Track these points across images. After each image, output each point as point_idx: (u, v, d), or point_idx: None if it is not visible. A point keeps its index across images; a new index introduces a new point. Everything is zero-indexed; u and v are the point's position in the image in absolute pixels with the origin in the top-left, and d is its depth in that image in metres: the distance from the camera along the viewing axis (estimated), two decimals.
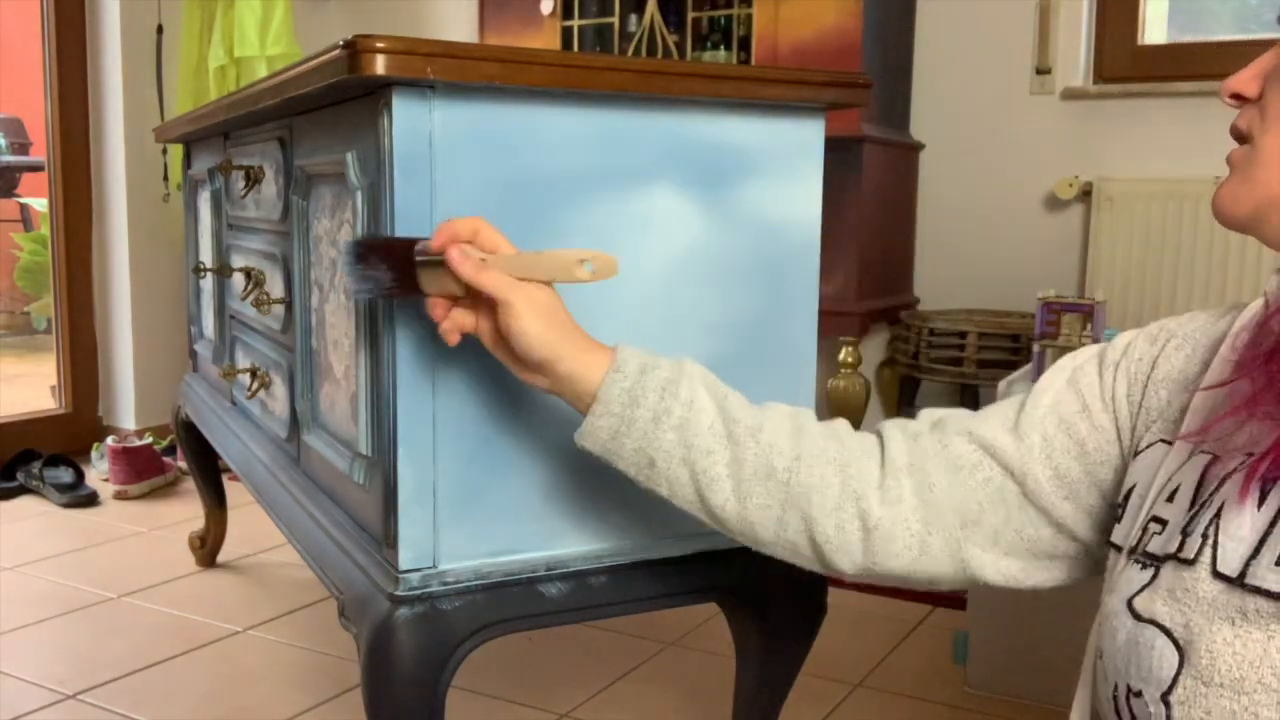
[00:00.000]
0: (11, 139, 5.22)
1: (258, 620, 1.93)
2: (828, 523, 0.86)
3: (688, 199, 1.09)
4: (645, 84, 1.04)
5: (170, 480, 2.83)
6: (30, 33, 3.09)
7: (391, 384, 0.99)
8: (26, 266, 5.19)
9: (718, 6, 2.81)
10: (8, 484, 2.74)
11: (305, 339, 1.31)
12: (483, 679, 1.67)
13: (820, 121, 1.15)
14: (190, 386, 2.07)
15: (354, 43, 0.91)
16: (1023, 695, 1.62)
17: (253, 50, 2.94)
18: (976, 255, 2.81)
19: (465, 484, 1.03)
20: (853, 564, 0.87)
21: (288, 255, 1.36)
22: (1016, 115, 2.74)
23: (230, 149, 1.68)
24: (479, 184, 0.99)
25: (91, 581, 2.11)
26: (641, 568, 1.10)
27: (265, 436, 1.53)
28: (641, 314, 1.08)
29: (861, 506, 0.86)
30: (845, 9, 2.50)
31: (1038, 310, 2.16)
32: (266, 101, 1.24)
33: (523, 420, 1.04)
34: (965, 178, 2.81)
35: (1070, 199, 2.65)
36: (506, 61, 0.96)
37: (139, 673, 1.71)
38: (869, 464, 0.87)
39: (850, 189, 2.51)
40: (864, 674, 1.73)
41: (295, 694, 1.65)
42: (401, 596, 0.99)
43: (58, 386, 3.17)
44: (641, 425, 0.88)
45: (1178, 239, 2.50)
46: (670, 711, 1.61)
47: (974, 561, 0.86)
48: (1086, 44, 2.70)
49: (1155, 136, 2.58)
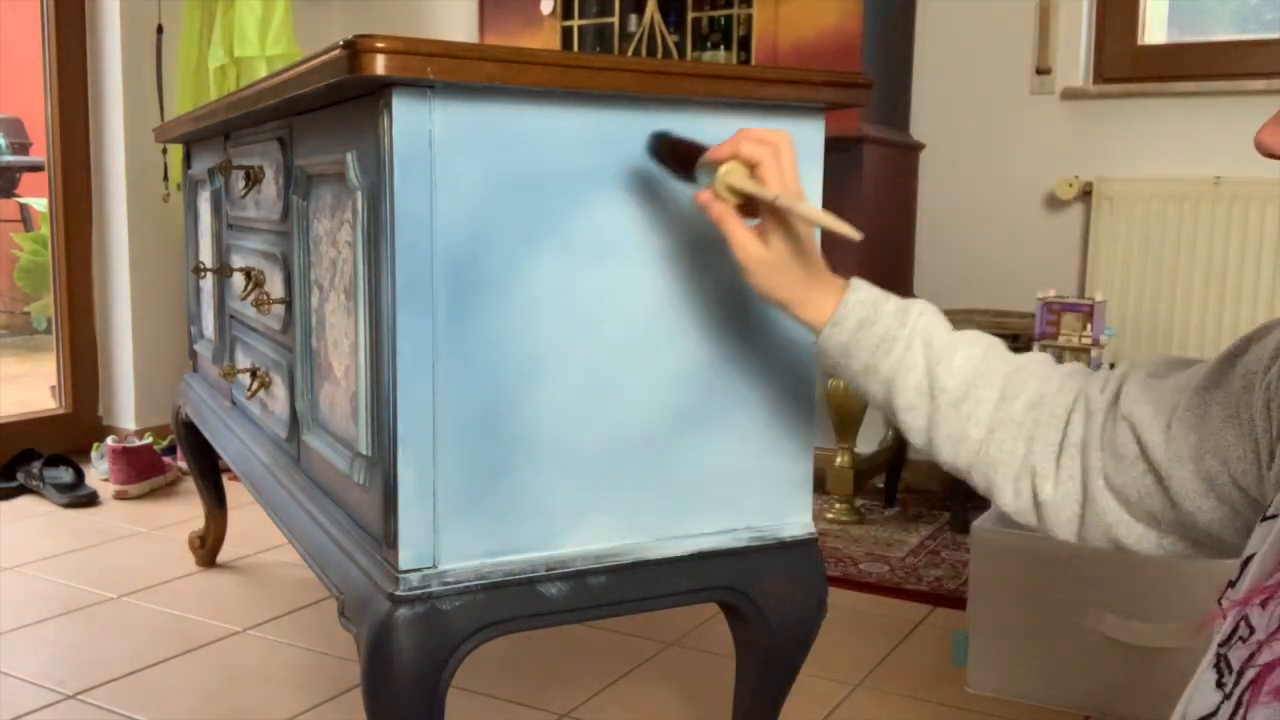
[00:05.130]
0: (11, 139, 5.22)
1: (258, 620, 1.93)
2: (1007, 489, 0.94)
3: (687, 199, 1.09)
4: (645, 84, 1.04)
5: (170, 480, 2.83)
6: (30, 33, 3.09)
7: (391, 384, 0.99)
8: (26, 266, 5.19)
9: (718, 6, 2.81)
10: (8, 484, 2.74)
11: (305, 339, 1.31)
12: (483, 679, 1.67)
13: (820, 121, 1.15)
14: (190, 386, 2.07)
15: (354, 43, 0.91)
16: (1023, 696, 1.62)
17: (253, 50, 2.94)
18: (976, 255, 2.81)
19: (465, 484, 1.03)
20: (1025, 520, 0.95)
21: (288, 255, 1.36)
22: (1016, 115, 2.74)
23: (230, 149, 1.68)
24: (479, 184, 0.99)
25: (91, 581, 2.11)
26: (641, 568, 1.10)
27: (265, 436, 1.53)
28: (642, 314, 1.08)
29: (1035, 483, 0.93)
30: (845, 9, 2.50)
31: (1038, 310, 2.17)
32: (266, 101, 1.24)
33: (523, 421, 1.04)
34: (965, 178, 2.81)
35: (1070, 199, 2.65)
36: (506, 61, 0.96)
37: (139, 673, 1.71)
38: (1053, 435, 0.92)
39: (850, 189, 2.51)
40: (864, 674, 1.73)
41: (295, 694, 1.65)
42: (401, 596, 0.99)
43: (58, 386, 3.17)
44: (854, 371, 0.99)
45: (1178, 239, 2.49)
46: (670, 711, 1.61)
47: (1130, 538, 0.90)
48: (1086, 44, 2.70)
49: (1155, 136, 2.58)
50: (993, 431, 0.94)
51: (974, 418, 0.94)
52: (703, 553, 1.13)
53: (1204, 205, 2.46)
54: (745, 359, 1.14)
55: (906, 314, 0.97)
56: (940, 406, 0.95)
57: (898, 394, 0.96)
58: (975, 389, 0.95)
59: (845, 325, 0.97)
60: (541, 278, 1.03)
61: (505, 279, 1.02)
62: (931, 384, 0.95)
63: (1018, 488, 0.94)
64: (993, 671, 1.65)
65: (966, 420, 0.95)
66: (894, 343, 0.96)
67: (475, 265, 1.00)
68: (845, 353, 0.98)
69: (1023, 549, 1.60)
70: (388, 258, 0.98)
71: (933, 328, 0.97)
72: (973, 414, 0.95)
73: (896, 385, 0.96)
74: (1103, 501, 0.89)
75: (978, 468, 0.95)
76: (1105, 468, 0.89)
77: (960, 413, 0.95)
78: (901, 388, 0.96)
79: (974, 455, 0.95)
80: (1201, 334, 2.48)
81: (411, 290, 0.98)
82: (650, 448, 1.10)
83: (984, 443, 0.94)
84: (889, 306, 0.98)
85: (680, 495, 1.13)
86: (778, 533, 1.18)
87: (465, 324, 1.00)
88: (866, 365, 0.97)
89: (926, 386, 0.96)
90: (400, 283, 0.97)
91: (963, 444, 0.95)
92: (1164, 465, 0.85)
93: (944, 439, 0.96)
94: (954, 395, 0.95)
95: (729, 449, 1.14)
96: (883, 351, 0.96)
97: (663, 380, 1.10)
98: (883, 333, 0.96)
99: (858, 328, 0.97)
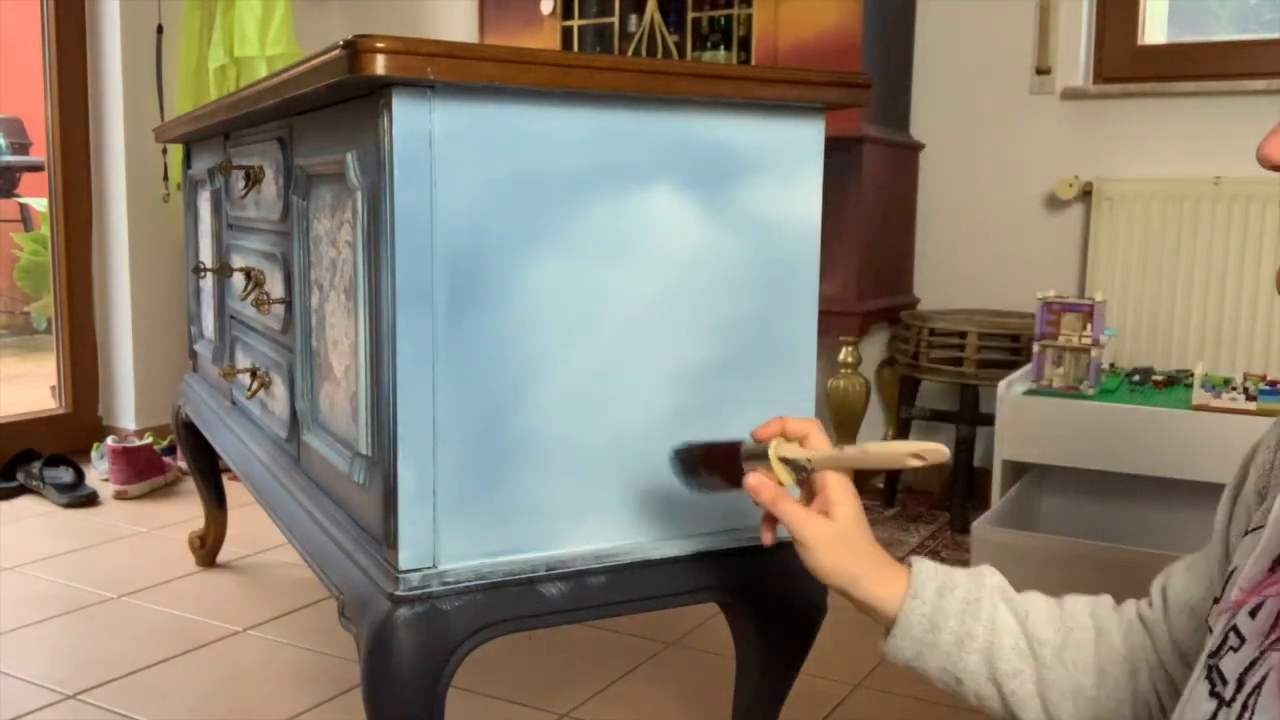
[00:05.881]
0: (11, 139, 5.22)
1: (258, 620, 1.93)
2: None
3: (687, 199, 1.09)
4: (645, 84, 1.04)
5: (170, 480, 2.83)
6: (30, 33, 3.09)
7: (391, 384, 0.99)
8: (26, 266, 5.19)
9: (718, 6, 2.81)
10: (8, 484, 2.74)
11: (305, 339, 1.31)
12: (483, 679, 1.67)
13: (820, 121, 1.15)
14: (190, 386, 2.07)
15: (354, 43, 0.91)
16: None
17: (253, 50, 2.94)
18: (976, 255, 2.81)
19: (465, 484, 1.03)
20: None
21: (288, 255, 1.36)
22: (1016, 115, 2.74)
23: (230, 149, 1.68)
24: (479, 184, 0.99)
25: (91, 581, 2.11)
26: (641, 568, 1.10)
27: (265, 436, 1.53)
28: (642, 314, 1.08)
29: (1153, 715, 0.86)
30: (845, 9, 2.50)
31: (1038, 310, 2.16)
32: (266, 101, 1.24)
33: (523, 421, 1.04)
34: (965, 178, 2.81)
35: (1070, 199, 2.65)
36: (506, 61, 0.96)
37: (139, 673, 1.71)
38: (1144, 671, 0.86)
39: (850, 189, 2.51)
40: (864, 674, 1.73)
41: (295, 694, 1.65)
42: (401, 596, 0.99)
43: (58, 386, 3.18)
44: (945, 649, 0.88)
45: (1178, 239, 2.49)
46: (670, 711, 1.61)
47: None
48: (1086, 44, 2.70)
49: (1155, 136, 2.58)
50: (1104, 674, 0.86)
51: (1081, 664, 0.86)
52: (703, 553, 1.13)
53: (1204, 205, 2.46)
54: (745, 359, 1.14)
55: (980, 575, 0.90)
56: (1045, 660, 0.86)
57: (999, 659, 0.86)
58: (1072, 635, 0.87)
59: (925, 595, 0.88)
60: (541, 277, 1.03)
61: (505, 279, 1.02)
62: (1029, 640, 0.87)
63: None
64: None
65: (1076, 669, 0.86)
66: (979, 604, 0.88)
67: (475, 265, 1.00)
68: (932, 627, 0.87)
69: (1023, 549, 1.60)
70: (388, 258, 0.98)
71: (1005, 583, 0.90)
72: (1079, 660, 0.86)
73: (995, 650, 0.86)
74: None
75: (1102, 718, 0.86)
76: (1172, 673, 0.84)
77: (1065, 662, 0.86)
78: (1001, 652, 0.86)
79: (1092, 705, 0.85)
80: (1201, 334, 2.48)
81: (411, 290, 0.98)
82: (650, 448, 1.10)
83: (1099, 686, 0.85)
84: (960, 572, 0.90)
85: (680, 495, 1.13)
86: (778, 533, 1.18)
87: (465, 324, 1.00)
88: (958, 635, 0.87)
89: (1025, 645, 0.87)
90: (400, 283, 0.97)
91: (1079, 696, 0.86)
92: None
93: (1059, 699, 0.86)
94: (1055, 645, 0.86)
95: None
96: (971, 615, 0.87)
97: (663, 380, 1.10)
98: (965, 595, 0.88)
99: (938, 595, 0.88)
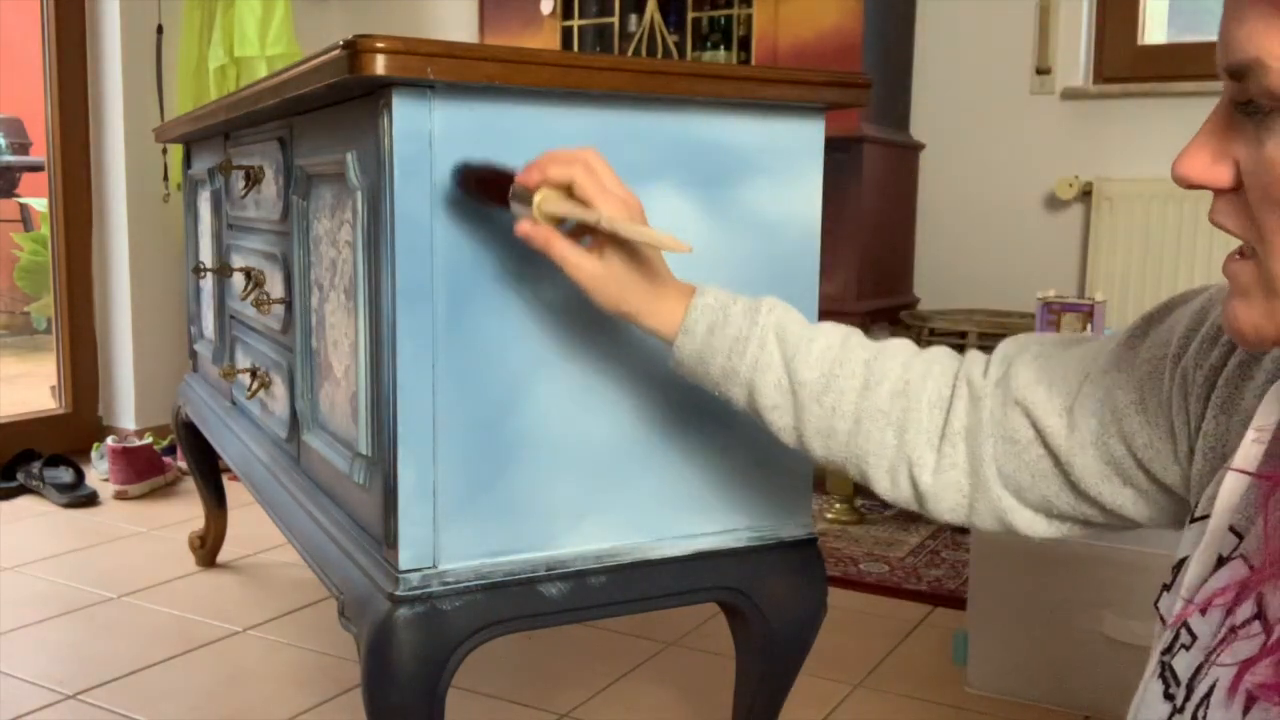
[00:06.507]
0: (11, 139, 5.22)
1: (258, 620, 1.93)
2: (883, 479, 0.91)
3: (688, 199, 1.09)
4: (645, 84, 1.04)
5: (170, 480, 2.83)
6: (30, 33, 3.09)
7: (391, 384, 0.99)
8: (26, 266, 5.19)
9: (718, 6, 2.81)
10: (8, 484, 2.74)
11: (305, 339, 1.31)
12: (483, 679, 1.67)
13: (820, 121, 1.15)
14: (190, 386, 2.07)
15: (354, 43, 0.91)
16: (1023, 695, 1.62)
17: (253, 50, 2.94)
18: (976, 255, 2.81)
19: (465, 484, 1.03)
20: (907, 507, 0.93)
21: (288, 255, 1.36)
22: (1016, 115, 2.74)
23: (230, 149, 1.68)
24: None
25: (91, 581, 2.11)
26: (641, 568, 1.10)
27: (265, 436, 1.53)
28: None
29: (914, 473, 0.89)
30: (845, 9, 2.50)
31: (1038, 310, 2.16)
32: (266, 101, 1.24)
33: (523, 420, 1.04)
34: (965, 178, 2.81)
35: (1070, 199, 2.65)
36: (506, 61, 0.96)
37: (139, 673, 1.71)
38: (931, 422, 0.89)
39: (850, 189, 2.51)
40: (864, 674, 1.73)
41: (295, 694, 1.65)
42: (401, 596, 0.99)
43: (58, 386, 3.17)
44: (714, 379, 0.95)
45: (1178, 239, 2.50)
46: (670, 711, 1.61)
47: (1021, 523, 0.87)
48: (1086, 44, 2.70)
49: (1155, 136, 2.58)
50: (859, 422, 0.90)
51: (838, 410, 0.91)
52: (703, 553, 1.13)
53: (1204, 205, 2.45)
54: None
55: (756, 312, 0.93)
56: (803, 402, 0.91)
57: (759, 395, 0.93)
58: (836, 379, 0.91)
59: (696, 332, 0.94)
60: (541, 277, 1.03)
61: (505, 279, 1.02)
62: (791, 379, 0.92)
63: (894, 479, 0.90)
64: (992, 671, 1.65)
65: (831, 413, 0.91)
66: (747, 342, 0.92)
67: (475, 265, 1.00)
68: (701, 360, 0.94)
69: (1023, 549, 1.60)
70: (388, 258, 0.98)
71: (785, 322, 0.93)
72: (836, 406, 0.91)
73: (756, 386, 0.93)
74: (995, 489, 0.86)
75: (850, 460, 0.92)
76: (997, 455, 0.86)
77: (824, 405, 0.91)
78: (762, 388, 0.92)
79: (844, 448, 0.91)
80: None
81: (411, 290, 0.98)
82: (650, 448, 1.10)
83: (851, 434, 0.91)
84: (737, 307, 0.94)
85: (680, 495, 1.13)
86: (778, 533, 1.18)
87: (465, 324, 1.00)
88: (724, 370, 0.93)
89: (786, 383, 0.92)
90: (400, 283, 0.97)
91: (831, 438, 0.92)
92: (1064, 451, 0.82)
93: (813, 435, 0.92)
94: (815, 388, 0.91)
95: (729, 449, 1.14)
96: (737, 353, 0.93)
97: (663, 380, 1.10)
98: (735, 334, 0.93)
99: (709, 332, 0.93)
